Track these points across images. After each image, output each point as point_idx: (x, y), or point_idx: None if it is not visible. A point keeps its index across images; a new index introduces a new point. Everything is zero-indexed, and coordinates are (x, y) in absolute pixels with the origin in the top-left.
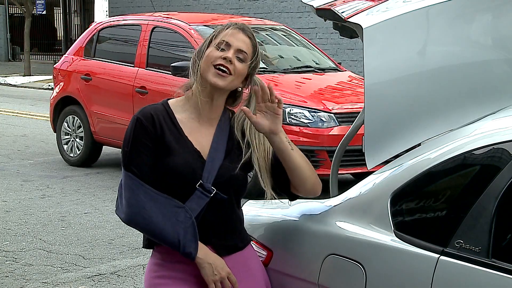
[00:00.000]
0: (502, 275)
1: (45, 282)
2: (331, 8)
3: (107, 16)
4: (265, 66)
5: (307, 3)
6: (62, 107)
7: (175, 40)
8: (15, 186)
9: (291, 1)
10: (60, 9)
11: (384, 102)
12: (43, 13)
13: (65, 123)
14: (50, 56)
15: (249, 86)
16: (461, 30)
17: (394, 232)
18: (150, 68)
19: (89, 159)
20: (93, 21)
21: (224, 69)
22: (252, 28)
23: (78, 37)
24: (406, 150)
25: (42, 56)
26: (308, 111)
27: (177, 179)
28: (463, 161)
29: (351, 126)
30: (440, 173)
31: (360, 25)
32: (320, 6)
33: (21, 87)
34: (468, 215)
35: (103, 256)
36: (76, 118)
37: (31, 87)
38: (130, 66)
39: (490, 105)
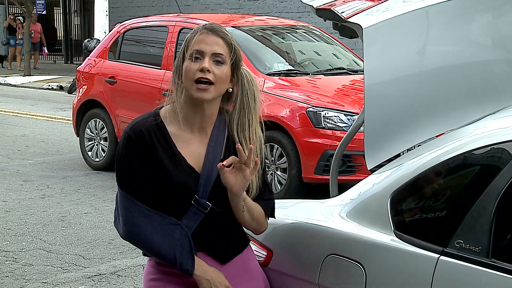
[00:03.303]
0: (502, 275)
1: (45, 282)
2: (331, 8)
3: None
4: (294, 69)
5: (307, 3)
6: (85, 111)
7: None
8: (15, 186)
9: (291, 1)
10: (60, 9)
11: (384, 102)
12: (43, 13)
13: (87, 129)
14: (50, 56)
15: (238, 82)
16: (461, 30)
17: (394, 232)
18: None
19: (113, 163)
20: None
21: (204, 81)
22: (283, 29)
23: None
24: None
25: (42, 56)
26: (344, 114)
27: (171, 197)
28: (463, 161)
29: (351, 125)
30: (440, 173)
31: (360, 25)
32: (320, 6)
33: (21, 87)
34: (468, 215)
35: (103, 256)
36: (99, 121)
37: (31, 87)
38: (157, 68)
39: (490, 105)
